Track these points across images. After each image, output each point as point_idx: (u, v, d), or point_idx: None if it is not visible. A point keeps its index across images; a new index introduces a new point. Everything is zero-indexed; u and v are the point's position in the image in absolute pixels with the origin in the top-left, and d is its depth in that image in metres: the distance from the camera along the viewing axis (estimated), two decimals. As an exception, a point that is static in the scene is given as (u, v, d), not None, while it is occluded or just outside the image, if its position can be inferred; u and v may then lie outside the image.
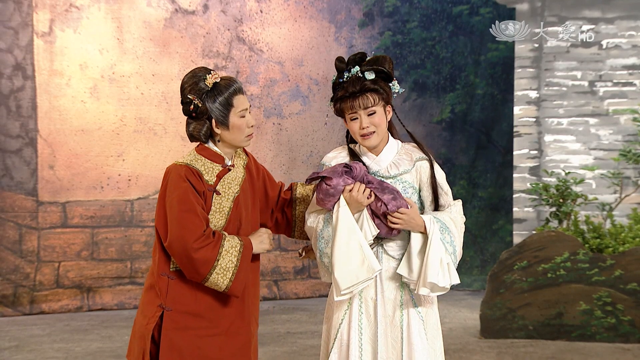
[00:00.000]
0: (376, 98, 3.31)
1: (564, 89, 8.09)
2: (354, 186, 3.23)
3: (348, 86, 3.31)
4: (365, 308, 3.34)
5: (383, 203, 3.23)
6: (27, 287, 7.92)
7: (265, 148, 8.50)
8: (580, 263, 6.51)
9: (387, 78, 3.35)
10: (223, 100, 3.30)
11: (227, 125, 3.32)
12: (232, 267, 3.25)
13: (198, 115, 3.33)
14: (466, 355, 6.18)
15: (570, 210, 6.92)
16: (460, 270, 10.05)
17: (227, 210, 3.35)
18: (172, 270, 3.32)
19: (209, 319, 3.32)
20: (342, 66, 3.35)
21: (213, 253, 3.22)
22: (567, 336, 6.55)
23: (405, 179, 3.36)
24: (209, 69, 3.34)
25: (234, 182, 3.39)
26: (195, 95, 3.30)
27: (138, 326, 3.36)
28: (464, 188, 9.10)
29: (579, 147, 8.09)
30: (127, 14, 8.15)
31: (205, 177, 3.33)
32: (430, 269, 3.23)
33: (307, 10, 8.67)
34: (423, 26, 9.03)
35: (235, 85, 3.33)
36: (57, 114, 7.99)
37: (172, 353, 3.28)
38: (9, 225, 7.95)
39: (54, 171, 8.00)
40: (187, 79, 3.34)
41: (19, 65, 7.94)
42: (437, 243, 3.26)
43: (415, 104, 9.03)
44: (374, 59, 3.34)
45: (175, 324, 3.29)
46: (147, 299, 3.37)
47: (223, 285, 3.25)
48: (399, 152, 3.41)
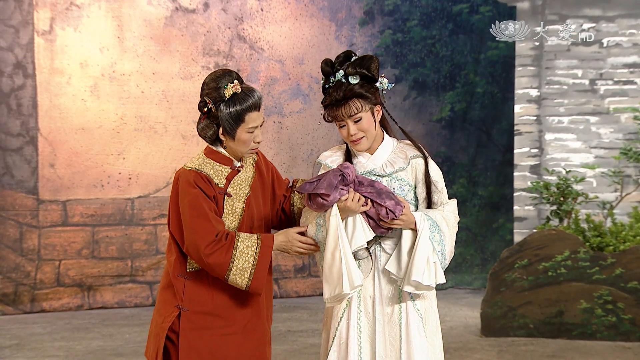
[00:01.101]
0: (361, 103, 3.27)
1: (565, 87, 8.09)
2: (348, 196, 3.20)
3: (332, 92, 3.27)
4: (364, 306, 3.33)
5: (387, 209, 3.21)
6: (27, 286, 7.92)
7: (266, 146, 8.50)
8: (580, 261, 6.51)
9: (372, 79, 3.30)
10: (235, 114, 3.26)
11: (232, 137, 3.31)
12: (250, 267, 3.25)
13: (209, 118, 3.31)
14: (467, 354, 6.18)
15: (571, 208, 6.92)
16: (460, 269, 10.04)
17: (240, 212, 3.36)
18: (188, 271, 3.33)
19: (226, 318, 3.34)
20: (328, 69, 3.31)
21: (226, 257, 3.23)
22: (568, 334, 6.55)
23: (401, 177, 3.35)
24: (234, 76, 3.29)
25: (244, 182, 3.39)
26: (211, 99, 3.28)
27: (154, 325, 3.39)
28: (464, 186, 9.10)
29: (579, 146, 8.09)
30: (127, 13, 8.15)
31: (215, 180, 3.32)
32: (416, 267, 3.21)
33: (308, 9, 8.67)
34: (423, 25, 9.03)
35: (251, 100, 3.27)
36: (58, 113, 7.99)
37: (190, 353, 3.30)
38: (10, 224, 7.95)
39: (55, 169, 7.99)
40: (209, 81, 3.31)
41: (20, 63, 7.93)
42: (425, 242, 3.24)
43: (415, 102, 9.02)
44: (358, 61, 3.28)
45: (192, 324, 3.31)
46: (163, 297, 3.39)
47: (243, 284, 3.26)
48: (395, 150, 3.40)
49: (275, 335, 6.85)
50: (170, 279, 3.37)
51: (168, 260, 3.40)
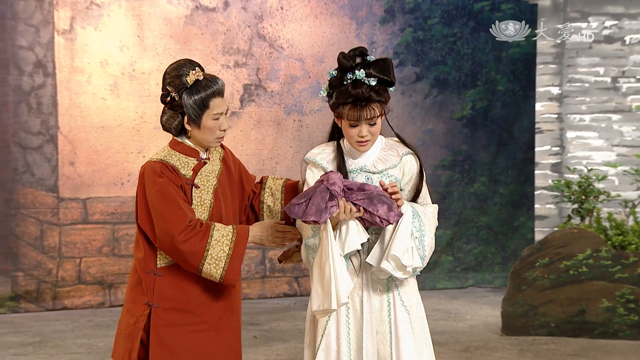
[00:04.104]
0: (379, 108, 3.25)
1: (587, 85, 8.03)
2: (339, 210, 3.14)
3: (352, 91, 3.21)
4: (352, 303, 3.31)
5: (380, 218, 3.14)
6: (49, 283, 7.96)
7: (286, 145, 8.50)
8: (602, 260, 6.46)
9: (390, 84, 3.28)
10: (199, 100, 3.24)
11: (198, 125, 3.28)
12: (225, 257, 3.19)
13: (173, 108, 3.29)
14: (488, 352, 6.15)
15: (592, 207, 6.87)
16: (481, 267, 10.00)
17: (209, 204, 3.30)
18: (158, 267, 3.27)
19: (198, 314, 3.28)
20: (349, 64, 3.24)
21: (201, 244, 3.17)
22: (590, 333, 6.50)
23: (392, 174, 3.32)
24: (195, 64, 3.28)
25: (211, 174, 3.35)
26: (174, 88, 3.26)
27: (125, 325, 3.31)
28: (485, 185, 9.06)
29: (601, 144, 8.03)
30: (147, 11, 8.17)
31: (182, 171, 3.29)
32: (396, 244, 3.18)
33: (328, 7, 8.66)
34: (444, 22, 8.99)
35: (215, 87, 3.26)
36: (78, 111, 8.02)
37: (162, 351, 3.23)
38: (31, 222, 7.99)
39: (75, 168, 8.03)
40: (170, 70, 3.29)
41: (40, 62, 7.97)
42: (407, 223, 3.21)
43: (436, 100, 8.99)
44: (380, 65, 3.24)
45: (163, 321, 3.25)
46: (132, 297, 3.32)
47: (217, 275, 3.19)
48: (384, 147, 3.37)
49: (295, 333, 6.85)
50: (138, 277, 3.30)
51: (136, 257, 3.33)
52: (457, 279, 8.89)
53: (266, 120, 8.38)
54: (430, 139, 8.93)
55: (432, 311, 7.45)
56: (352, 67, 3.24)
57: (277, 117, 8.41)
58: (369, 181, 3.31)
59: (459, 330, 6.88)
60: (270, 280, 8.53)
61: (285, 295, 8.44)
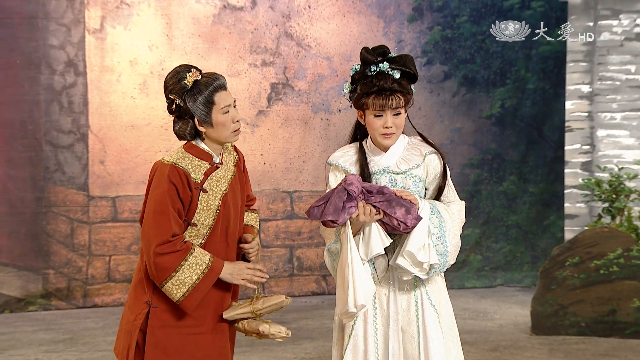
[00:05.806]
0: (403, 99, 3.26)
1: (618, 83, 7.97)
2: (359, 211, 3.14)
3: (377, 82, 3.22)
4: (379, 303, 3.31)
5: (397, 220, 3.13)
6: (80, 281, 8.03)
7: (314, 143, 8.50)
8: (634, 259, 6.41)
9: (414, 77, 3.28)
10: (203, 99, 3.25)
11: (210, 123, 3.27)
12: (190, 283, 3.19)
13: (181, 115, 3.29)
14: (517, 352, 6.12)
15: (623, 206, 6.81)
16: (510, 267, 9.95)
17: (215, 209, 3.29)
18: None
19: (195, 317, 3.29)
20: (371, 58, 3.26)
21: (174, 264, 3.18)
22: (621, 333, 6.45)
23: (415, 173, 3.32)
24: (191, 67, 3.29)
25: (222, 179, 3.34)
26: (177, 94, 3.28)
27: (125, 321, 3.34)
28: (514, 183, 9.01)
29: (632, 142, 7.96)
30: (176, 11, 8.21)
31: (193, 175, 3.27)
32: (412, 240, 3.16)
33: (356, 6, 8.65)
34: (473, 20, 8.94)
35: (216, 82, 3.26)
36: (108, 110, 8.08)
37: (157, 351, 3.25)
38: (61, 220, 8.06)
39: (105, 166, 8.09)
40: (169, 78, 3.31)
41: (71, 61, 8.04)
42: (424, 220, 3.18)
43: (465, 98, 8.95)
44: (401, 60, 3.26)
45: (160, 322, 3.27)
46: (134, 294, 3.35)
47: (176, 297, 3.20)
48: (407, 147, 3.36)
49: (323, 331, 6.85)
50: (142, 275, 3.33)
51: (140, 256, 3.35)
52: (485, 278, 8.85)
53: (293, 119, 8.39)
54: (458, 137, 8.89)
55: (461, 310, 7.42)
56: (375, 61, 3.26)
57: (305, 115, 8.42)
58: (393, 182, 3.30)
59: (487, 330, 6.85)
60: (298, 278, 8.54)
61: (314, 294, 8.44)
